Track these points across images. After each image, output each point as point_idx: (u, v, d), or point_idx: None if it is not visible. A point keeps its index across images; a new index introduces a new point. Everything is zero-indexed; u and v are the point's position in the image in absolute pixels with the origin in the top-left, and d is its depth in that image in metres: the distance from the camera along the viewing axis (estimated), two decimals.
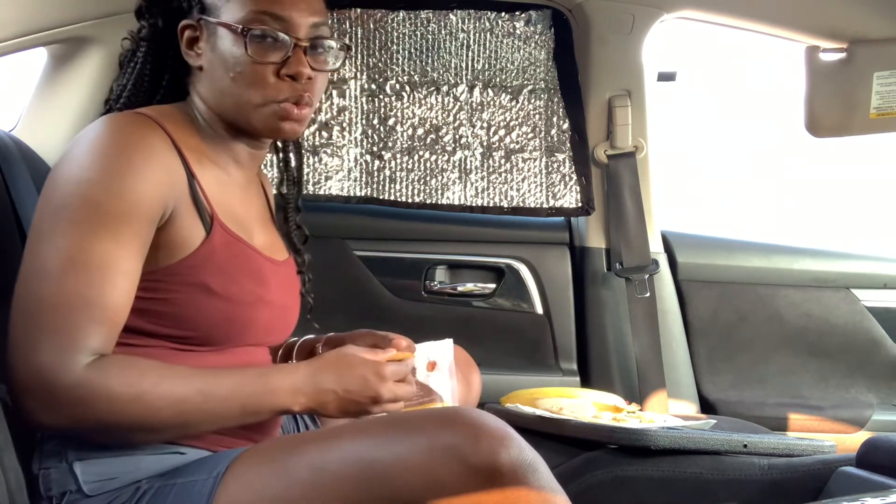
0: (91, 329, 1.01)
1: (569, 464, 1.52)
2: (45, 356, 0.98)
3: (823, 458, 1.47)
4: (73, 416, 0.99)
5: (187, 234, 1.12)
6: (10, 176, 1.46)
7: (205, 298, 1.12)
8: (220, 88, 1.19)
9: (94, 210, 1.05)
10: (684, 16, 1.95)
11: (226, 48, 1.17)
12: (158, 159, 1.11)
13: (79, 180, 1.07)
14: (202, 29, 1.19)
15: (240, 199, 1.25)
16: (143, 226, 1.07)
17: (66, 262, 1.02)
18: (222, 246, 1.15)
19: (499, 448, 0.93)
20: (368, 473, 0.96)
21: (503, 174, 2.02)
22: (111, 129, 1.10)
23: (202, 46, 1.19)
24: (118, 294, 1.04)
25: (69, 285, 1.01)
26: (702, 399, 2.06)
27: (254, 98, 1.17)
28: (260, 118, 1.19)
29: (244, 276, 1.17)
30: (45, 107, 1.87)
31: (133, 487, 1.07)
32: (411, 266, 2.05)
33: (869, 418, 2.04)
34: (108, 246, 1.04)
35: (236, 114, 1.20)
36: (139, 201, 1.07)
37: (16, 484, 1.02)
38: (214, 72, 1.19)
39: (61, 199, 1.06)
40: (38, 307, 1.01)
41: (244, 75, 1.17)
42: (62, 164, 1.11)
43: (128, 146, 1.09)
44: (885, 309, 2.09)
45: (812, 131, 1.81)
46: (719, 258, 2.11)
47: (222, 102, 1.20)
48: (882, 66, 1.72)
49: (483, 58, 1.98)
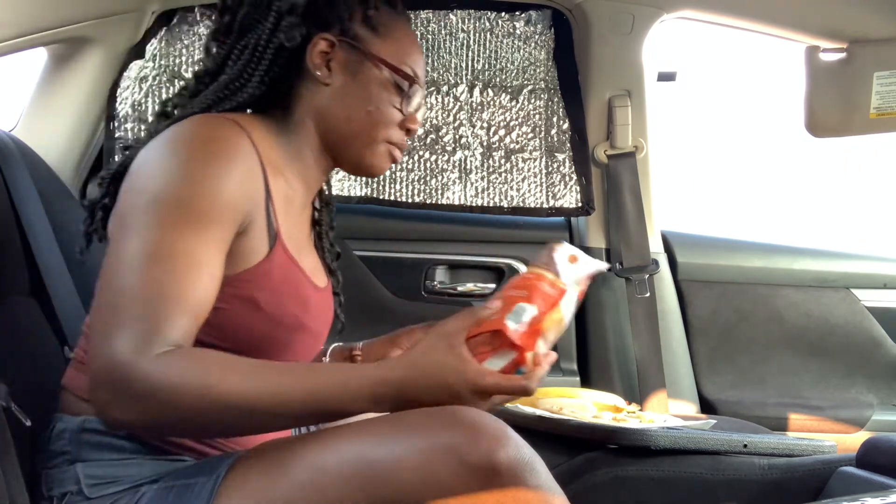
0: (171, 321, 0.98)
1: (569, 464, 1.52)
2: (119, 347, 0.95)
3: (823, 458, 1.47)
4: (140, 410, 0.95)
5: (253, 246, 1.12)
6: (10, 176, 1.46)
7: (252, 314, 1.11)
8: (346, 113, 1.21)
9: (185, 208, 1.03)
10: (684, 16, 1.95)
11: (372, 82, 1.20)
12: (247, 169, 1.10)
13: (171, 177, 1.05)
14: (341, 49, 1.20)
15: (297, 220, 1.25)
16: (228, 230, 1.07)
17: (151, 256, 1.00)
18: (279, 266, 1.15)
19: (497, 448, 0.93)
20: (368, 473, 0.96)
21: (503, 174, 2.02)
22: (201, 131, 1.10)
23: (337, 66, 1.20)
24: (202, 289, 1.02)
25: (153, 277, 0.99)
26: (702, 399, 2.06)
27: (378, 135, 1.22)
28: (373, 154, 1.23)
29: (291, 299, 1.17)
30: (45, 107, 1.87)
31: (132, 491, 1.07)
32: (411, 266, 2.05)
33: (869, 418, 2.04)
34: (196, 243, 1.02)
35: (351, 141, 1.22)
36: (228, 205, 1.06)
37: (16, 484, 1.02)
38: (347, 97, 1.21)
39: (151, 194, 1.05)
40: (119, 299, 0.99)
41: (381, 113, 1.21)
42: (151, 160, 1.09)
43: (220, 150, 1.08)
44: (885, 309, 2.09)
45: (812, 131, 1.81)
46: (719, 258, 2.11)
47: (342, 126, 1.22)
48: (882, 66, 1.72)
49: (483, 58, 1.98)
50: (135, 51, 1.91)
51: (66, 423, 1.14)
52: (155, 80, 1.93)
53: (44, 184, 1.56)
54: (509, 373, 1.03)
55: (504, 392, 1.02)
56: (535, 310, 1.05)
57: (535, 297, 1.06)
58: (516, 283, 1.10)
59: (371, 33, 1.21)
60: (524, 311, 1.05)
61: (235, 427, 1.01)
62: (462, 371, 0.99)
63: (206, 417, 0.97)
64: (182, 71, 1.93)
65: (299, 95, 1.21)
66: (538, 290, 1.07)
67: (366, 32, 1.21)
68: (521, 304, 1.05)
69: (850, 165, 4.22)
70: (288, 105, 1.22)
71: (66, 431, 1.12)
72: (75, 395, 1.16)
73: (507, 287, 1.10)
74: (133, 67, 1.92)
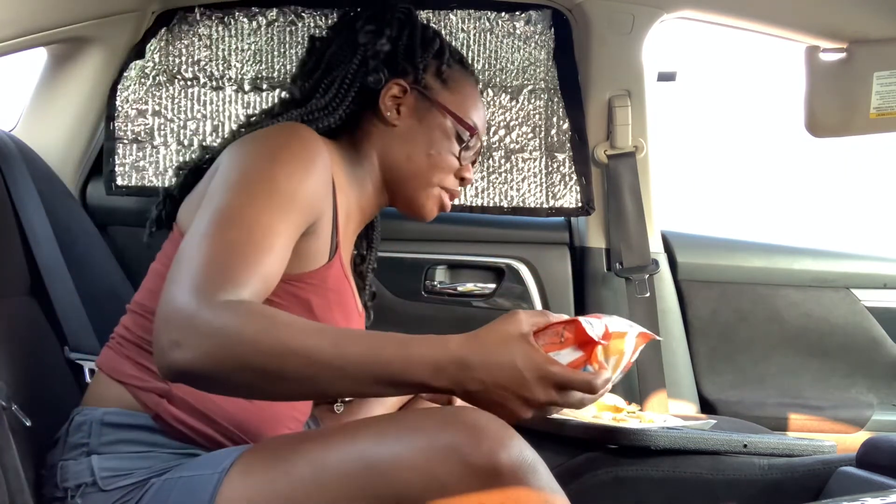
0: (245, 279, 0.99)
1: (569, 464, 1.52)
2: (189, 290, 0.96)
3: (823, 458, 1.47)
4: (203, 351, 0.93)
5: (317, 250, 1.19)
6: (10, 176, 1.46)
7: (303, 315, 1.12)
8: (407, 154, 1.32)
9: (272, 186, 1.09)
10: (684, 16, 1.95)
11: (437, 128, 1.33)
12: (325, 174, 1.19)
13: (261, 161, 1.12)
14: (412, 96, 1.33)
15: (350, 242, 1.36)
16: (303, 219, 1.13)
17: (233, 219, 1.04)
18: (335, 277, 1.23)
19: (499, 448, 0.93)
20: (369, 472, 0.96)
21: (503, 174, 2.01)
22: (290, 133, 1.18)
23: (406, 110, 1.33)
24: (276, 260, 1.05)
25: (232, 239, 1.02)
26: (702, 399, 2.06)
27: (434, 179, 1.34)
28: (427, 196, 1.36)
29: (340, 310, 1.25)
30: (45, 107, 1.87)
31: (142, 484, 1.09)
32: (411, 266, 2.05)
33: (869, 418, 2.04)
34: (276, 219, 1.07)
35: (407, 181, 1.34)
36: (307, 197, 1.13)
37: (16, 484, 1.02)
38: (411, 139, 1.32)
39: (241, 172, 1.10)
40: (197, 254, 1.00)
41: (441, 159, 1.33)
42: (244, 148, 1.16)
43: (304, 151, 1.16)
44: (885, 309, 2.09)
45: (812, 131, 1.81)
46: (719, 258, 2.11)
47: (402, 166, 1.33)
48: (882, 66, 1.72)
49: (483, 58, 1.98)
50: (135, 51, 1.91)
51: (87, 416, 1.17)
52: (155, 80, 1.93)
53: (44, 184, 1.56)
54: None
55: (569, 385, 0.96)
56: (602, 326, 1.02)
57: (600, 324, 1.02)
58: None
59: (441, 85, 1.35)
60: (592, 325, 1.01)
61: (294, 381, 0.95)
62: (531, 356, 0.96)
63: (267, 365, 0.94)
64: (182, 71, 1.93)
65: (368, 132, 1.34)
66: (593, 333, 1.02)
67: (436, 83, 1.35)
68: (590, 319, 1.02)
69: (850, 165, 4.22)
70: (357, 138, 1.34)
71: (86, 423, 1.16)
72: (108, 375, 1.20)
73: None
74: (133, 67, 1.91)
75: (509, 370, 0.95)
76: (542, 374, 0.95)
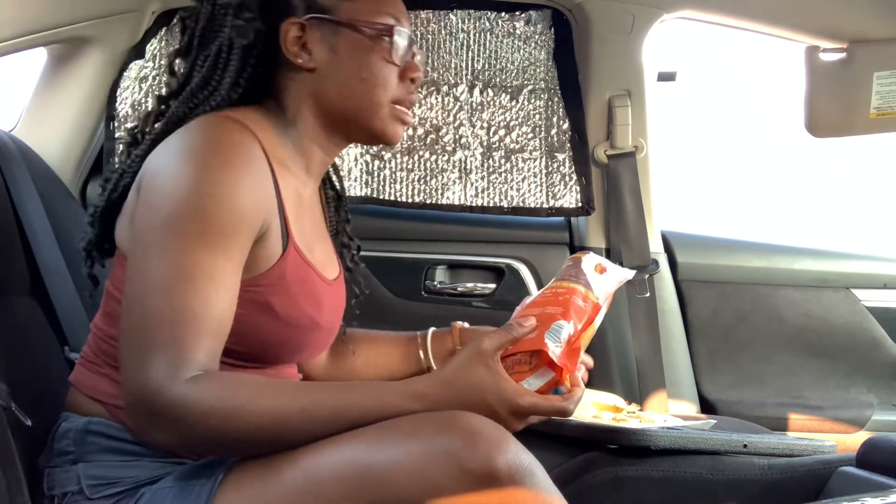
0: (199, 343, 0.99)
1: (568, 464, 1.52)
2: (152, 374, 0.97)
3: (823, 458, 1.47)
4: (177, 433, 0.98)
5: (268, 251, 1.11)
6: (10, 176, 1.46)
7: (266, 319, 1.11)
8: (339, 91, 1.17)
9: (205, 222, 1.02)
10: (684, 16, 1.95)
11: (355, 48, 1.16)
12: (260, 172, 1.09)
13: (188, 191, 1.03)
14: (313, 29, 1.16)
15: (308, 213, 1.24)
16: (247, 240, 1.06)
17: (175, 276, 1.00)
18: (293, 267, 1.14)
19: (496, 452, 0.92)
20: (364, 478, 0.95)
21: (503, 174, 2.01)
22: (212, 137, 1.08)
23: (314, 47, 1.16)
24: (224, 307, 1.02)
25: (178, 299, 0.99)
26: (702, 399, 2.06)
27: (381, 99, 1.18)
28: (381, 120, 1.19)
29: (305, 299, 1.16)
30: (45, 107, 1.87)
31: (132, 493, 1.08)
32: (411, 266, 2.05)
33: (869, 418, 2.04)
34: (217, 259, 1.02)
35: (356, 116, 1.19)
36: (246, 215, 1.05)
37: (15, 484, 1.02)
38: (335, 73, 1.17)
39: (168, 211, 1.03)
40: (147, 323, 0.99)
41: (376, 76, 1.17)
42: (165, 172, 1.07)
43: (232, 157, 1.06)
44: (885, 309, 2.08)
45: (812, 131, 1.81)
46: (719, 258, 2.11)
47: (339, 105, 1.18)
48: (882, 66, 1.72)
49: (483, 58, 1.98)
50: (135, 51, 1.91)
51: (72, 423, 1.14)
52: (155, 80, 1.93)
53: (44, 184, 1.56)
54: (546, 393, 1.02)
55: (542, 413, 1.01)
56: (571, 327, 1.03)
57: (571, 314, 1.04)
58: (548, 298, 1.07)
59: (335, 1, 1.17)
60: (562, 328, 1.03)
61: (269, 444, 1.00)
62: (500, 390, 0.99)
63: (240, 437, 0.98)
64: None
65: (287, 87, 1.19)
66: (573, 306, 1.05)
67: (332, 1, 1.17)
68: (559, 321, 1.03)
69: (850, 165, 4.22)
70: (281, 100, 1.19)
71: (71, 431, 1.13)
72: (83, 393, 1.16)
73: (539, 302, 1.07)
74: (133, 67, 1.91)
75: (483, 408, 0.98)
76: (512, 408, 0.99)
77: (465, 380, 1.00)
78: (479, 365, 1.00)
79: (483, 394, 0.98)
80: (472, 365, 1.00)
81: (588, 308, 1.07)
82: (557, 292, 1.08)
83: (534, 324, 1.04)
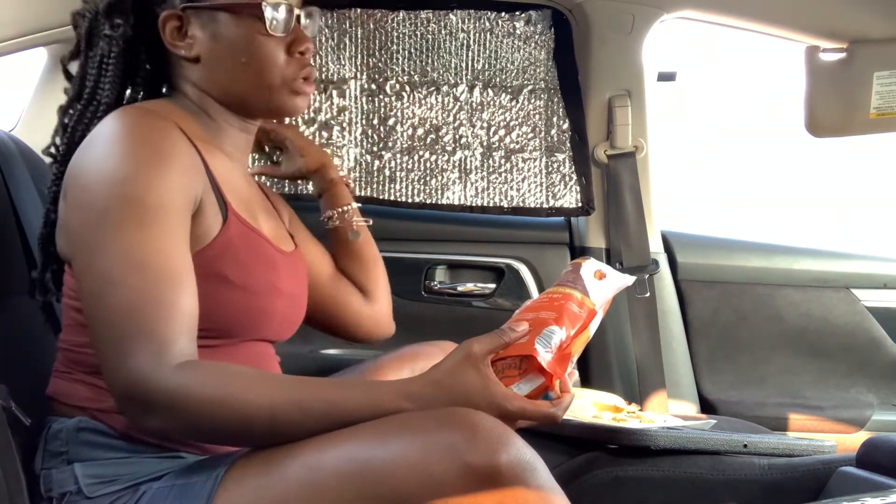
0: (176, 325, 0.99)
1: (569, 464, 1.52)
2: (137, 365, 0.97)
3: (823, 458, 1.47)
4: (169, 420, 0.98)
5: (209, 224, 1.11)
6: (10, 176, 1.46)
7: (223, 289, 1.11)
8: (227, 76, 1.17)
9: (138, 207, 1.02)
10: (684, 16, 1.95)
11: (231, 32, 1.15)
12: (182, 149, 1.09)
13: (113, 181, 1.03)
14: (189, 18, 1.15)
15: (247, 188, 1.25)
16: (184, 216, 1.06)
17: (126, 266, 1.00)
18: (238, 235, 1.15)
19: (497, 448, 0.92)
20: (365, 473, 0.95)
21: (503, 174, 2.02)
22: (132, 124, 1.07)
23: (194, 36, 1.16)
24: (186, 287, 1.02)
25: (139, 287, 0.99)
26: (702, 399, 2.06)
27: (270, 80, 1.17)
28: (277, 98, 1.18)
29: (258, 265, 1.16)
30: (45, 107, 1.87)
31: (132, 490, 1.07)
32: (411, 266, 2.05)
33: (869, 418, 2.04)
34: (161, 241, 1.02)
35: (250, 98, 1.18)
36: (177, 193, 1.05)
37: (15, 484, 1.02)
38: (219, 60, 1.16)
39: (100, 204, 1.03)
40: (115, 315, 0.99)
41: (259, 56, 1.15)
42: (87, 168, 1.07)
43: (154, 139, 1.06)
44: (885, 309, 2.09)
45: (812, 131, 1.82)
46: (719, 258, 2.11)
47: (231, 89, 1.18)
48: (882, 66, 1.72)
49: (483, 58, 1.98)
50: None
51: (62, 424, 1.13)
52: None
53: (44, 184, 1.55)
54: (536, 398, 1.02)
55: (530, 418, 1.01)
56: (564, 333, 1.03)
57: (564, 320, 1.04)
58: (544, 303, 1.08)
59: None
60: (553, 334, 1.03)
61: (263, 436, 1.01)
62: (489, 394, 0.99)
63: (233, 426, 0.99)
64: None
65: (186, 78, 1.19)
66: (567, 312, 1.05)
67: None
68: (552, 326, 1.03)
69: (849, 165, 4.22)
70: (184, 91, 1.20)
71: (62, 432, 1.12)
72: (62, 402, 1.16)
73: (534, 307, 1.08)
74: None
75: (472, 406, 0.98)
76: (501, 411, 0.98)
77: (454, 382, 1.00)
78: (468, 368, 1.00)
79: (471, 396, 0.99)
80: (461, 368, 1.00)
81: (583, 314, 1.07)
82: (553, 297, 1.08)
83: (526, 329, 1.04)
